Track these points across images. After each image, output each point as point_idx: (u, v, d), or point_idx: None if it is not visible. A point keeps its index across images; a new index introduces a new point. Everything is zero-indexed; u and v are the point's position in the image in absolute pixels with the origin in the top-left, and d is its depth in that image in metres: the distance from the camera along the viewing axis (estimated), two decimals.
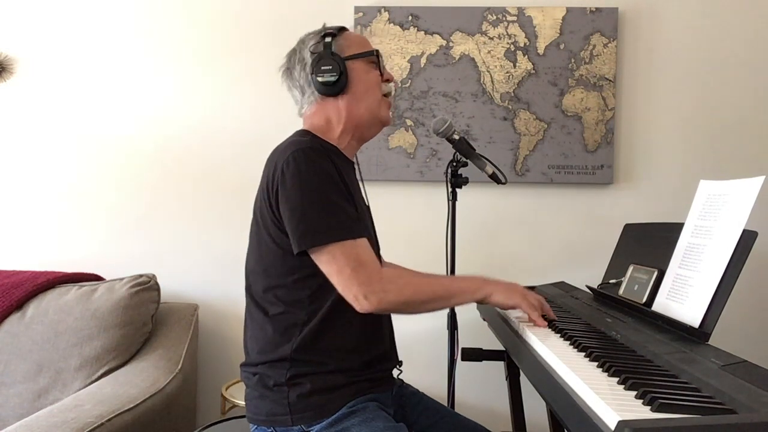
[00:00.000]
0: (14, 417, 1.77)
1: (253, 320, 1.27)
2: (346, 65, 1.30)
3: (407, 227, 2.21)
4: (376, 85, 1.34)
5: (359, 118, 1.33)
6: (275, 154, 1.24)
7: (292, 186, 1.16)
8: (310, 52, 1.32)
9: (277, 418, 1.20)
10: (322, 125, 1.33)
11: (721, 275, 1.13)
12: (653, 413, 0.79)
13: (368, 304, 1.14)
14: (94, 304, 1.93)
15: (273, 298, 1.23)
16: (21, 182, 2.30)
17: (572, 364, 1.01)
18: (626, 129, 2.20)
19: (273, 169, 1.20)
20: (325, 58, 1.29)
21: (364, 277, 1.14)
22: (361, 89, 1.32)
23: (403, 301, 1.18)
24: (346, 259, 1.15)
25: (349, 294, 1.16)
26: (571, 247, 2.21)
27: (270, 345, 1.23)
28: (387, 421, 1.20)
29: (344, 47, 1.32)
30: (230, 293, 2.22)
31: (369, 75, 1.34)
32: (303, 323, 1.21)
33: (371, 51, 1.35)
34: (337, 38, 1.32)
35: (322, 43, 1.31)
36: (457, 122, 2.16)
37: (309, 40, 1.35)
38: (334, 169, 1.20)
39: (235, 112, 2.26)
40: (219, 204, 2.26)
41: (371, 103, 1.33)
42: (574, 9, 2.15)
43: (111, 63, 2.27)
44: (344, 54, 1.31)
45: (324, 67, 1.28)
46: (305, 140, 1.23)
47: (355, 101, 1.32)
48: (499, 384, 1.98)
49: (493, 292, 1.24)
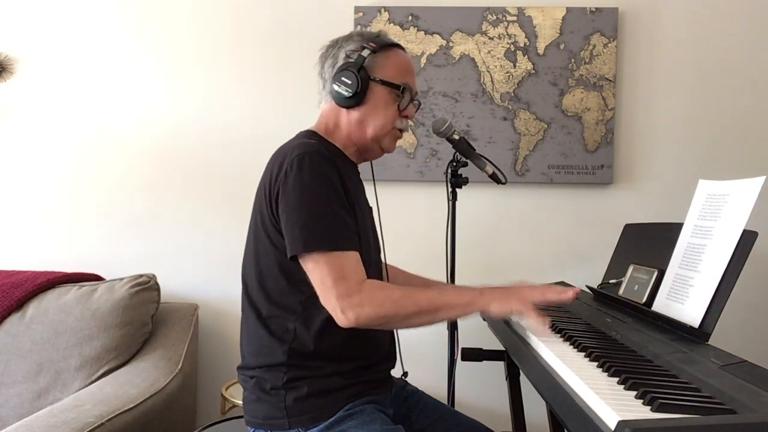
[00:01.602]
0: (14, 417, 1.77)
1: (248, 322, 1.26)
2: (369, 86, 1.27)
3: (407, 227, 2.21)
4: (389, 118, 1.31)
5: (363, 139, 1.32)
6: (280, 153, 1.22)
7: (293, 189, 1.15)
8: (345, 54, 1.29)
9: (275, 421, 1.19)
10: (332, 127, 1.33)
11: (721, 275, 1.13)
12: (653, 413, 0.79)
13: (345, 319, 1.12)
14: (94, 304, 1.93)
15: (267, 300, 1.22)
16: (21, 182, 2.30)
17: (572, 364, 1.01)
18: (626, 129, 2.20)
19: (277, 168, 1.19)
20: (351, 70, 1.26)
21: (343, 290, 1.12)
22: (373, 114, 1.30)
23: (381, 316, 1.13)
24: (329, 270, 1.13)
25: (328, 306, 1.14)
26: (571, 247, 2.21)
27: (265, 348, 1.22)
28: (385, 424, 1.20)
29: (378, 67, 1.28)
30: (230, 293, 2.22)
31: (386, 107, 1.30)
32: (297, 328, 1.20)
33: (398, 85, 1.30)
34: (376, 54, 1.28)
35: (359, 52, 1.28)
36: (457, 122, 2.16)
37: (353, 42, 1.31)
38: (338, 176, 1.19)
39: (236, 112, 2.26)
40: (219, 204, 2.26)
41: (378, 130, 1.31)
42: (574, 9, 2.15)
43: (111, 63, 2.27)
44: (374, 74, 1.28)
45: (345, 79, 1.26)
46: (312, 143, 1.21)
47: (364, 121, 1.30)
48: (499, 384, 1.98)
49: (489, 303, 1.17)
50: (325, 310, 1.17)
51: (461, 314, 1.21)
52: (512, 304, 1.16)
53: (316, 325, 1.20)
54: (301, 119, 2.23)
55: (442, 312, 1.18)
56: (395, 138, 1.35)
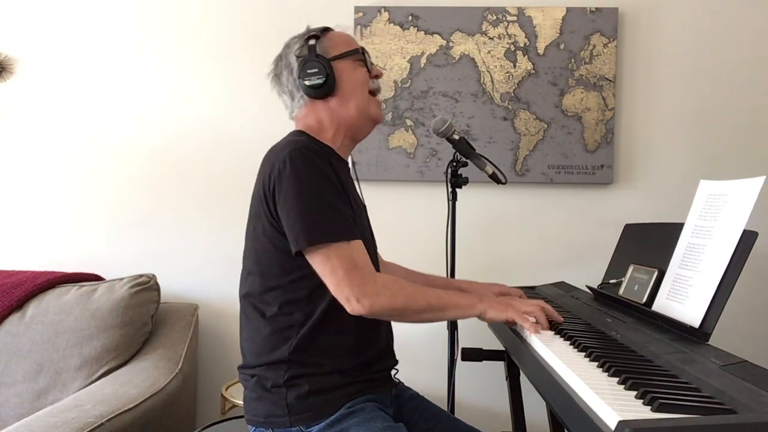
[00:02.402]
0: (14, 417, 1.77)
1: (249, 322, 1.27)
2: (332, 66, 1.30)
3: (407, 227, 2.21)
4: (363, 82, 1.34)
5: (350, 118, 1.33)
6: (271, 153, 1.24)
7: (288, 186, 1.16)
8: (295, 56, 1.32)
9: (276, 419, 1.20)
10: (315, 126, 1.33)
11: (721, 275, 1.13)
12: (653, 413, 0.79)
13: (360, 307, 1.14)
14: (94, 304, 1.93)
15: (270, 299, 1.23)
16: (21, 182, 2.30)
17: (572, 364, 1.01)
18: (626, 129, 2.20)
19: (270, 169, 1.20)
20: (310, 60, 1.29)
21: (357, 280, 1.14)
22: (348, 89, 1.32)
23: (395, 307, 1.17)
24: (339, 261, 1.14)
25: (341, 296, 1.15)
26: (571, 247, 2.21)
27: (267, 347, 1.22)
28: (386, 421, 1.20)
29: (329, 48, 1.32)
30: (230, 293, 2.22)
31: (356, 73, 1.34)
32: (300, 324, 1.21)
33: (356, 49, 1.35)
34: (321, 40, 1.33)
35: (306, 46, 1.32)
36: (457, 122, 2.16)
37: (294, 44, 1.35)
38: (331, 169, 1.20)
39: (234, 113, 2.26)
40: (219, 204, 2.26)
41: (360, 102, 1.33)
42: (574, 9, 2.15)
43: (110, 63, 2.27)
44: (329, 55, 1.31)
45: (310, 71, 1.29)
46: (301, 139, 1.23)
47: (344, 101, 1.32)
48: (499, 384, 1.98)
49: (487, 309, 1.25)
50: (325, 306, 1.19)
51: (462, 315, 1.28)
52: (508, 314, 1.25)
53: (317, 322, 1.21)
54: None
55: (447, 311, 1.24)
56: (377, 103, 1.38)
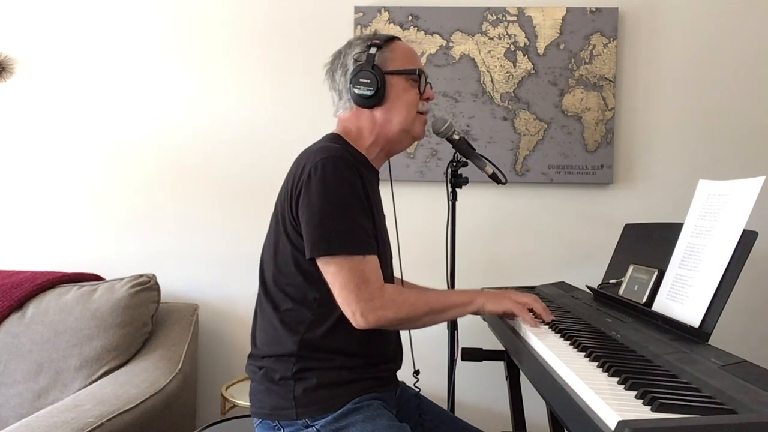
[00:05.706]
0: (14, 417, 1.77)
1: (263, 312, 1.29)
2: (385, 79, 1.30)
3: (407, 227, 2.20)
4: (412, 103, 1.35)
5: (390, 132, 1.34)
6: (305, 155, 1.25)
7: (315, 192, 1.18)
8: (353, 59, 1.32)
9: (282, 411, 1.21)
10: (354, 133, 1.34)
11: (721, 275, 1.13)
12: (653, 413, 0.79)
13: (364, 322, 1.17)
14: (94, 304, 1.93)
15: (282, 293, 1.25)
16: (21, 182, 2.30)
17: (572, 364, 1.01)
18: (626, 129, 2.20)
19: (300, 170, 1.21)
20: (365, 70, 1.29)
21: (366, 294, 1.16)
22: (396, 105, 1.32)
23: (400, 318, 1.20)
24: (351, 274, 1.16)
25: (347, 309, 1.17)
26: (571, 247, 2.21)
27: (277, 338, 1.24)
28: (391, 420, 1.21)
29: (388, 60, 1.32)
30: (230, 293, 2.22)
31: (407, 94, 1.34)
32: (310, 322, 1.23)
33: (413, 69, 1.34)
34: (382, 49, 1.32)
35: (366, 53, 1.31)
36: (457, 122, 2.16)
37: (356, 46, 1.35)
38: (360, 182, 1.22)
39: (234, 113, 2.26)
40: (219, 204, 2.26)
41: (405, 119, 1.34)
42: (574, 9, 2.15)
43: (110, 63, 2.27)
44: (386, 67, 1.31)
45: (363, 80, 1.29)
46: (336, 147, 1.24)
47: (389, 115, 1.33)
48: (499, 384, 1.98)
49: (485, 302, 1.27)
50: (338, 308, 1.20)
51: (463, 312, 1.29)
52: (505, 304, 1.28)
53: (329, 320, 1.22)
54: (301, 119, 2.25)
55: (448, 311, 1.27)
56: (423, 122, 1.39)
